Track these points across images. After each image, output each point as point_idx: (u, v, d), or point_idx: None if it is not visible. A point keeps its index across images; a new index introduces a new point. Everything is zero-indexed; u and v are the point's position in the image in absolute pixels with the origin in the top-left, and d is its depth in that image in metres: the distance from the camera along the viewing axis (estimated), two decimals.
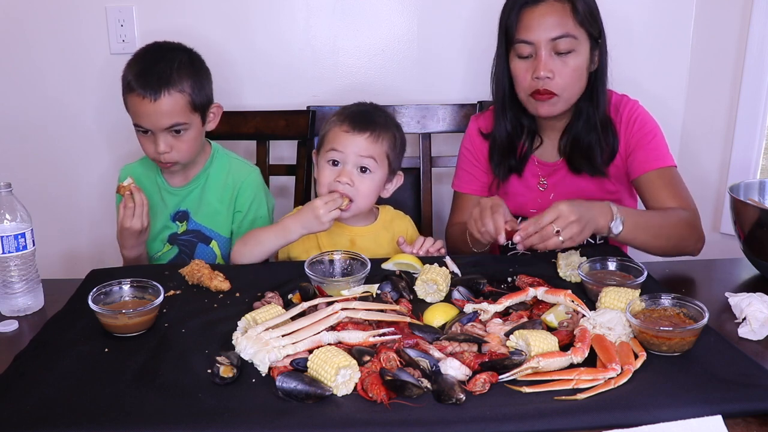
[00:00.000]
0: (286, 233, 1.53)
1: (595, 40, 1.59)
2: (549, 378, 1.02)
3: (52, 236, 2.24)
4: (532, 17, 1.54)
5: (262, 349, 1.06)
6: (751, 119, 2.09)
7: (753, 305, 1.23)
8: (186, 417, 0.95)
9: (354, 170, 1.56)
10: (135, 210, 1.58)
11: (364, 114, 1.60)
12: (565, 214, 1.32)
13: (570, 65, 1.55)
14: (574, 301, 1.20)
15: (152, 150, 1.64)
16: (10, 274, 1.30)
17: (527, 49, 1.56)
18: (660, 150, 1.62)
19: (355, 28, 2.18)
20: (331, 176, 1.56)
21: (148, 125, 1.61)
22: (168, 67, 1.60)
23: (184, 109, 1.62)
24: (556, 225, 1.32)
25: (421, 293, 1.33)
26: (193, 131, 1.66)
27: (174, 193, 1.77)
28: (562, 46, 1.53)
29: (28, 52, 2.16)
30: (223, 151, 1.82)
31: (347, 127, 1.57)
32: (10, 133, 2.22)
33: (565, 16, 1.53)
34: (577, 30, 1.54)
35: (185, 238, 1.77)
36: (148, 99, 1.57)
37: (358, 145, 1.55)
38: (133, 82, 1.59)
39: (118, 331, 1.18)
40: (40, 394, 1.01)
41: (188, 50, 1.69)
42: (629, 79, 2.15)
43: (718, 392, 0.98)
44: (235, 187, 1.76)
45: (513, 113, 1.68)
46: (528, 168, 1.73)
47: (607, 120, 1.63)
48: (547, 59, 1.54)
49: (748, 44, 2.05)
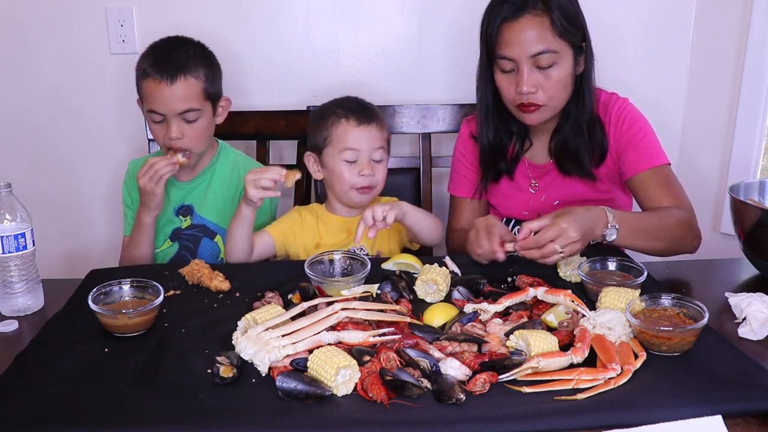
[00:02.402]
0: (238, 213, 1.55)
1: (579, 47, 1.56)
2: (549, 378, 1.02)
3: (52, 236, 2.24)
4: (511, 33, 1.51)
5: (262, 349, 1.06)
6: (751, 119, 2.09)
7: (753, 305, 1.23)
8: (186, 417, 0.95)
9: (371, 162, 1.61)
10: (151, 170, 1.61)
11: (363, 107, 1.64)
12: (567, 234, 1.30)
13: (553, 78, 1.53)
14: (574, 301, 1.20)
15: (163, 136, 1.66)
16: (10, 274, 1.30)
17: (509, 64, 1.54)
18: (652, 149, 1.61)
19: (355, 28, 2.18)
20: (352, 174, 1.60)
21: (162, 110, 1.63)
22: (184, 54, 1.65)
23: (198, 95, 1.65)
24: (557, 243, 1.30)
25: (421, 293, 1.33)
26: (204, 120, 1.69)
27: (180, 187, 1.78)
28: (543, 62, 1.51)
29: (28, 52, 2.16)
30: (229, 148, 1.85)
31: (355, 122, 1.60)
32: (10, 133, 2.22)
33: (543, 31, 1.50)
34: (558, 43, 1.51)
35: (190, 233, 1.79)
36: (165, 83, 1.61)
37: (371, 137, 1.61)
38: (149, 68, 1.63)
39: (118, 331, 1.18)
40: (40, 394, 1.01)
41: (200, 44, 1.74)
42: (629, 79, 2.16)
43: (718, 392, 0.98)
44: (240, 182, 1.77)
45: (498, 121, 1.67)
46: (519, 170, 1.72)
47: (594, 120, 1.62)
48: (528, 75, 1.51)
49: (748, 44, 2.05)
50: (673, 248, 1.52)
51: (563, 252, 1.31)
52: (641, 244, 1.46)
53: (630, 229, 1.42)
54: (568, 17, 1.52)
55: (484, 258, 1.42)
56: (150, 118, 1.68)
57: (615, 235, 1.39)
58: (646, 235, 1.46)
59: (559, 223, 1.31)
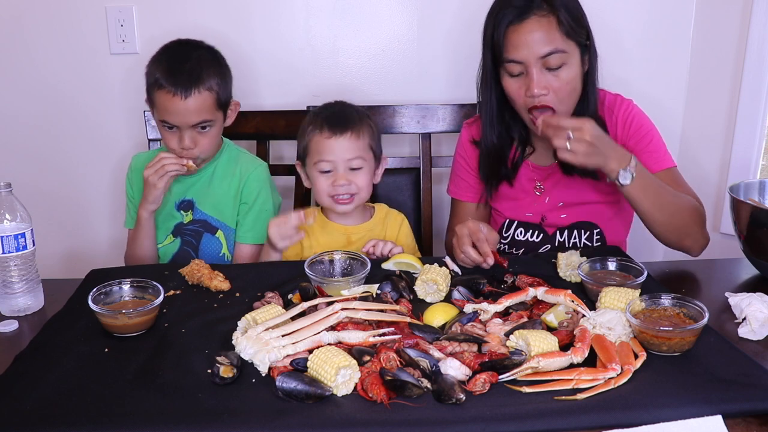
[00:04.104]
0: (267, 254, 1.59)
1: (584, 45, 1.55)
2: (549, 378, 1.02)
3: (52, 236, 2.24)
4: (518, 35, 1.49)
5: (262, 349, 1.06)
6: (751, 119, 2.09)
7: (753, 305, 1.23)
8: (186, 417, 0.95)
9: (346, 171, 1.58)
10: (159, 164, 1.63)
11: (338, 115, 1.61)
12: (585, 130, 1.38)
13: (563, 79, 1.51)
14: (574, 301, 1.20)
15: (176, 145, 1.67)
16: (10, 274, 1.30)
17: (517, 67, 1.51)
18: (660, 152, 1.61)
19: (355, 28, 2.18)
20: (328, 184, 1.59)
21: (176, 122, 1.64)
22: (197, 65, 1.64)
23: (211, 106, 1.66)
24: (572, 132, 1.37)
25: (421, 293, 1.33)
26: (216, 128, 1.70)
27: (181, 181, 1.78)
28: (552, 62, 1.49)
29: (28, 52, 2.16)
30: (233, 145, 1.86)
31: (327, 132, 1.58)
32: (10, 133, 2.22)
33: (551, 31, 1.48)
34: (566, 43, 1.49)
35: (191, 228, 1.79)
36: (178, 97, 1.61)
37: (343, 148, 1.57)
38: (162, 79, 1.62)
39: (118, 331, 1.18)
40: (40, 394, 1.01)
41: (212, 48, 1.73)
42: (629, 79, 2.16)
43: (718, 392, 0.98)
44: (242, 179, 1.78)
45: (501, 127, 1.66)
46: (523, 173, 1.71)
47: (597, 120, 1.59)
48: (539, 77, 1.49)
49: (748, 44, 2.05)
50: (679, 230, 1.52)
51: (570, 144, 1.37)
52: (650, 208, 1.46)
53: (646, 183, 1.44)
54: (574, 16, 1.51)
55: (468, 264, 1.43)
56: (162, 125, 1.68)
57: (629, 180, 1.42)
58: (657, 198, 1.46)
59: (585, 120, 1.40)
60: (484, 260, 1.39)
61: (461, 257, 1.43)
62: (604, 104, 1.65)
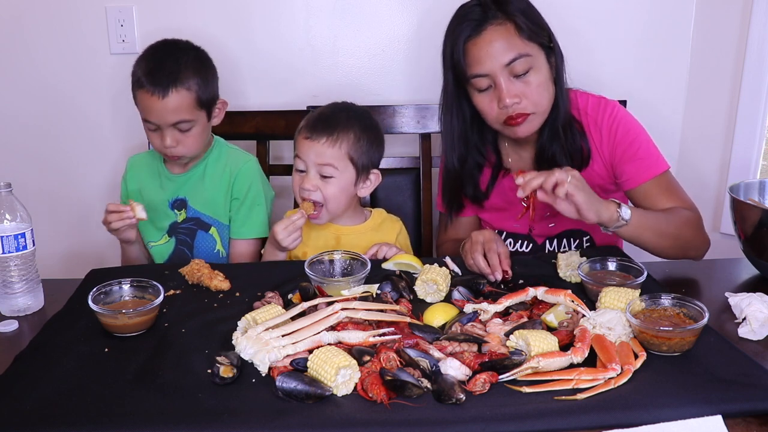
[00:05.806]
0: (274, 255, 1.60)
1: (548, 47, 1.52)
2: (549, 378, 1.02)
3: (52, 236, 2.24)
4: (478, 48, 1.46)
5: (262, 349, 1.06)
6: (751, 120, 2.09)
7: (753, 305, 1.23)
8: (186, 417, 0.95)
9: (317, 176, 1.57)
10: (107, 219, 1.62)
11: (323, 118, 1.59)
12: (576, 177, 1.31)
13: (533, 84, 1.48)
14: (574, 301, 1.20)
15: (159, 144, 1.69)
16: (10, 274, 1.30)
17: (485, 81, 1.48)
18: (651, 157, 1.57)
19: (355, 28, 2.17)
20: (298, 184, 1.59)
21: (155, 120, 1.65)
22: (176, 65, 1.64)
23: (190, 106, 1.66)
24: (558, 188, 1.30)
25: (421, 293, 1.33)
26: (198, 127, 1.70)
27: (172, 179, 1.80)
28: (518, 68, 1.46)
29: (28, 52, 2.16)
30: (223, 142, 1.86)
31: (306, 133, 1.58)
32: (10, 133, 2.22)
33: (511, 37, 1.46)
34: (528, 46, 1.47)
35: (186, 226, 1.80)
36: (156, 96, 1.62)
37: (316, 152, 1.56)
38: (143, 78, 1.63)
39: (118, 331, 1.18)
40: (40, 394, 1.01)
41: (196, 48, 1.73)
42: (629, 79, 2.16)
43: (718, 392, 0.98)
44: (231, 174, 1.79)
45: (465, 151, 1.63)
46: (507, 184, 1.68)
47: (569, 121, 1.58)
48: (508, 86, 1.47)
49: (748, 44, 2.05)
50: (683, 249, 1.51)
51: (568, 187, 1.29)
52: (651, 239, 1.44)
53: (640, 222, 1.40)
54: (531, 19, 1.49)
55: (474, 270, 1.42)
56: (145, 125, 1.69)
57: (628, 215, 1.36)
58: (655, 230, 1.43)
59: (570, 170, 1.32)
60: (491, 273, 1.38)
61: (470, 263, 1.43)
62: (587, 110, 1.61)
